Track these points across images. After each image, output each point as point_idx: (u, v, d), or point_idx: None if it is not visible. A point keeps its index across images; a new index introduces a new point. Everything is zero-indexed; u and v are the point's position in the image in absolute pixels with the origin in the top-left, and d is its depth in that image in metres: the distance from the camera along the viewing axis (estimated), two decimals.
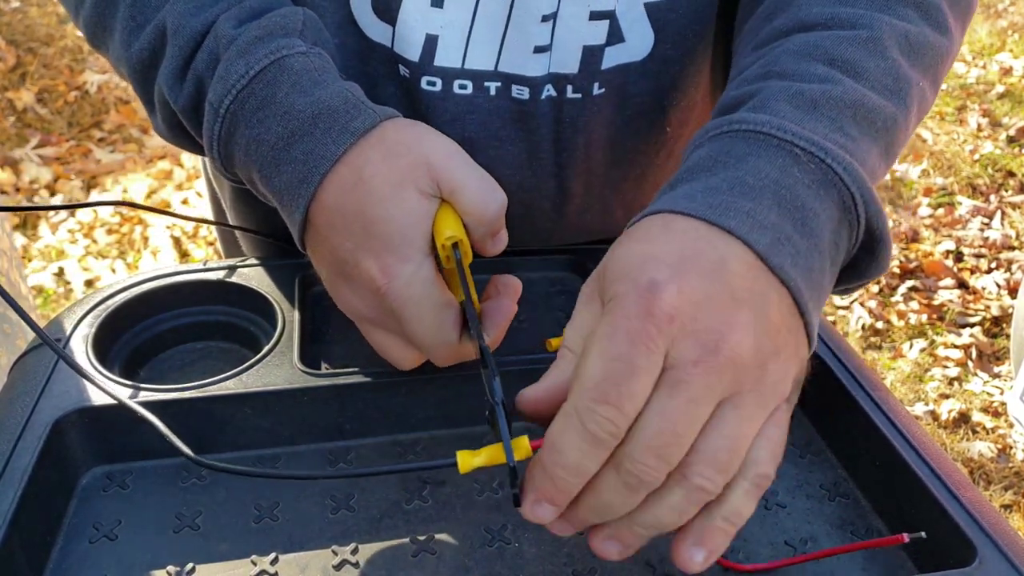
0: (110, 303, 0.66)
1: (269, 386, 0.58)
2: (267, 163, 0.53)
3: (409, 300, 0.51)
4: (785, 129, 0.46)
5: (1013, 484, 1.90)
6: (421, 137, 0.53)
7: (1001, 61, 3.93)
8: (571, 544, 0.53)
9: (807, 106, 0.48)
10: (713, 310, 0.39)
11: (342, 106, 0.52)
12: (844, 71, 0.50)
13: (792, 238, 0.42)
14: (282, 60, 0.54)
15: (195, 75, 0.56)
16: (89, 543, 0.52)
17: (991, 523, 0.50)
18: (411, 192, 0.51)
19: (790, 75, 0.50)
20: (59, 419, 0.55)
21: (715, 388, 0.38)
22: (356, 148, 0.52)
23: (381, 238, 0.51)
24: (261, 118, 0.53)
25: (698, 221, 0.42)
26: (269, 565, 0.51)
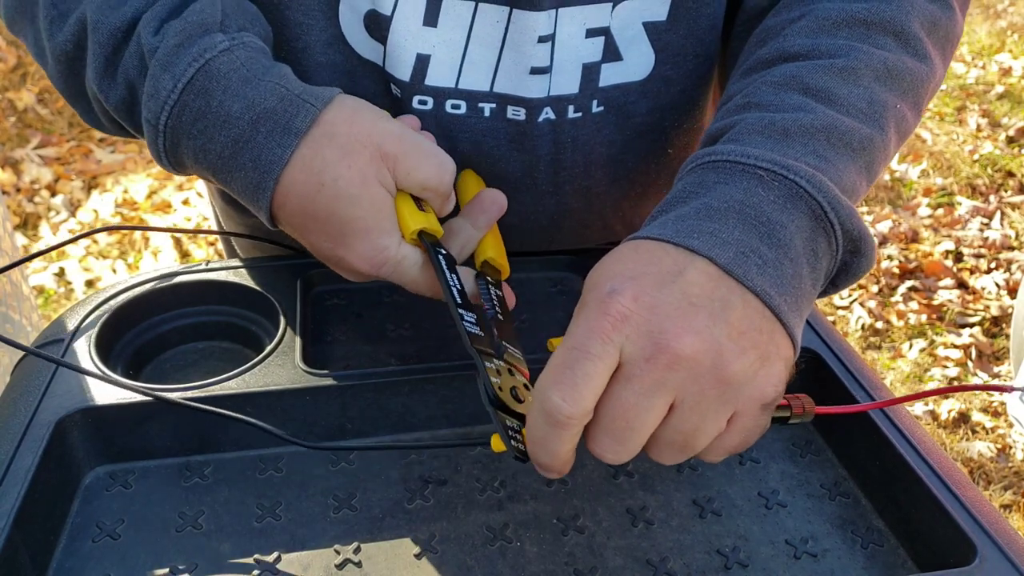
0: (113, 303, 0.66)
1: (271, 386, 0.58)
2: (219, 171, 0.55)
3: (401, 270, 0.56)
4: (748, 155, 0.49)
5: (1013, 484, 1.90)
6: (370, 126, 0.54)
7: (1000, 61, 3.93)
8: (572, 543, 0.53)
9: (779, 135, 0.51)
10: (666, 313, 0.42)
11: (279, 105, 0.53)
12: (818, 99, 0.54)
13: (759, 250, 0.45)
14: (207, 65, 0.53)
15: (125, 77, 0.56)
16: (92, 542, 0.52)
17: (991, 522, 0.50)
18: (375, 188, 0.53)
19: (766, 106, 0.54)
20: (62, 419, 0.55)
21: (667, 383, 0.42)
22: (305, 148, 0.53)
23: (358, 234, 0.54)
24: (201, 128, 0.53)
25: (664, 243, 0.46)
26: (271, 564, 0.51)
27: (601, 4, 0.61)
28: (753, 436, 0.46)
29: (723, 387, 0.43)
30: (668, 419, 0.43)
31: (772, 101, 0.54)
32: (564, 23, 0.61)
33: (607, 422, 0.43)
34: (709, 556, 0.52)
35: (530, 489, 0.57)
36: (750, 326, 0.43)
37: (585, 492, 0.56)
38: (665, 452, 0.45)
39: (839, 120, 0.53)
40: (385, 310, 0.71)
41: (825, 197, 0.48)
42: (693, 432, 0.43)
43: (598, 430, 0.43)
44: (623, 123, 0.67)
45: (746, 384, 0.43)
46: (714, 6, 0.64)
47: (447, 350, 0.67)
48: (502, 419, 0.47)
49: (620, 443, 0.43)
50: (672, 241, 0.45)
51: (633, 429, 0.43)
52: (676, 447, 0.44)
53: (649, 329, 0.42)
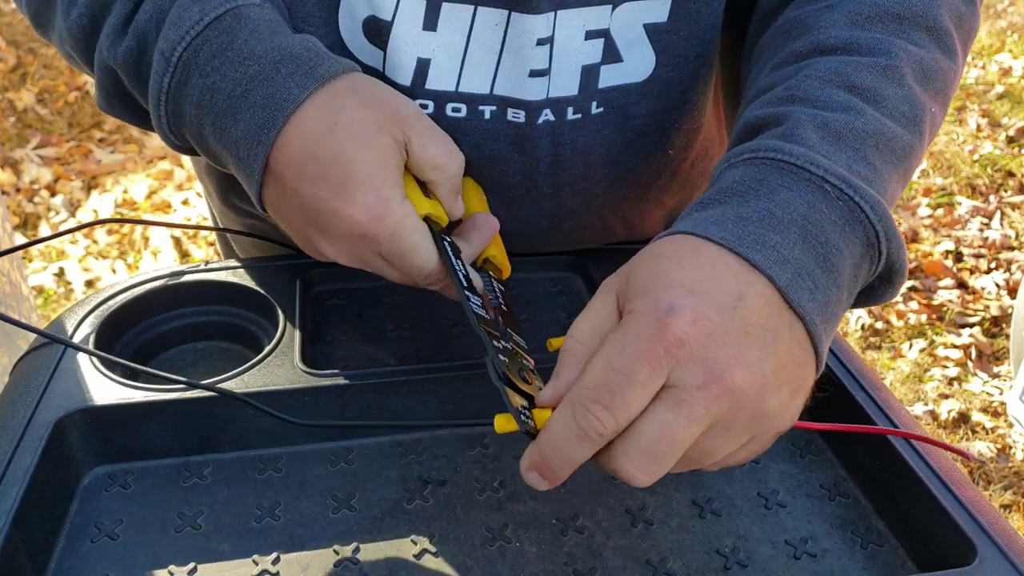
0: (112, 303, 0.66)
1: (270, 386, 0.58)
2: (223, 112, 0.52)
3: (403, 234, 0.52)
4: (817, 164, 0.47)
5: (1013, 484, 1.90)
6: (392, 93, 0.55)
7: (1000, 61, 3.93)
8: (571, 543, 0.53)
9: (832, 137, 0.49)
10: (723, 342, 0.41)
11: (304, 53, 0.52)
12: (865, 99, 0.52)
13: (813, 273, 0.44)
14: (238, 9, 0.53)
15: (137, 29, 0.55)
16: (91, 543, 0.52)
17: (991, 522, 0.50)
18: (388, 139, 0.52)
19: (813, 102, 0.52)
20: (61, 419, 0.55)
21: (712, 412, 0.41)
22: (325, 93, 0.52)
23: (362, 181, 0.51)
24: (217, 65, 0.52)
25: (726, 251, 0.44)
26: (270, 565, 0.51)
27: (600, 6, 0.61)
28: (755, 455, 0.46)
29: (755, 418, 0.43)
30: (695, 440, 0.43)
31: (819, 97, 0.52)
32: (563, 25, 0.61)
33: (648, 443, 0.41)
34: (709, 556, 0.52)
35: (529, 489, 0.56)
36: (791, 359, 0.43)
37: (584, 492, 0.56)
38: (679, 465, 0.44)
39: (886, 125, 0.52)
40: (385, 310, 0.71)
41: (883, 226, 0.47)
42: (711, 452, 0.44)
43: (635, 449, 0.42)
44: (623, 124, 0.67)
45: (775, 417, 0.44)
46: (715, 6, 0.64)
47: (447, 350, 0.67)
48: (511, 396, 0.46)
49: (657, 464, 0.42)
50: (735, 250, 0.44)
51: (674, 453, 0.42)
52: (688, 463, 0.44)
53: (705, 356, 0.41)
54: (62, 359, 0.61)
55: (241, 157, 0.52)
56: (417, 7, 0.60)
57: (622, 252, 0.75)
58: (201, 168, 0.82)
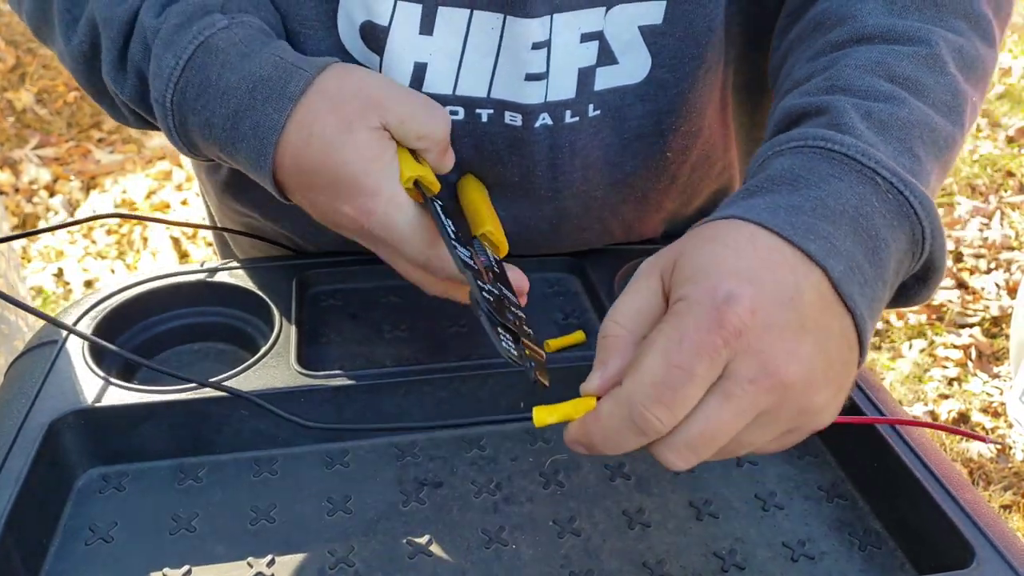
0: (107, 304, 0.66)
1: (266, 387, 0.58)
2: (224, 143, 0.55)
3: (392, 228, 0.54)
4: (868, 155, 0.46)
5: (1013, 484, 1.89)
6: (360, 81, 0.55)
7: (1000, 62, 3.93)
8: (568, 546, 0.53)
9: (878, 127, 0.49)
10: (780, 336, 0.41)
11: (274, 73, 0.54)
12: (907, 89, 0.51)
13: (863, 267, 0.44)
14: (206, 42, 0.55)
15: (134, 66, 0.58)
16: (85, 545, 0.52)
17: (989, 524, 0.50)
18: (361, 132, 0.53)
19: (856, 91, 0.51)
20: (55, 420, 0.55)
21: (760, 406, 0.41)
22: (300, 109, 0.53)
23: (347, 182, 0.53)
24: (204, 103, 0.55)
25: (781, 240, 0.43)
26: (265, 567, 0.51)
27: (594, 9, 0.61)
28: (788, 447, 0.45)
29: (799, 414, 0.42)
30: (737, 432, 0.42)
31: (861, 86, 0.51)
32: (559, 29, 0.61)
33: (693, 436, 0.41)
34: (706, 558, 0.52)
35: (526, 491, 0.56)
36: (840, 357, 0.43)
37: (581, 494, 0.56)
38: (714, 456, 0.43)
39: (929, 116, 0.51)
40: (381, 311, 0.71)
41: (930, 223, 0.46)
42: (749, 444, 0.43)
43: (681, 441, 0.41)
44: (619, 127, 0.67)
45: (818, 414, 0.43)
46: (710, 8, 0.64)
47: (443, 352, 0.66)
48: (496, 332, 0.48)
49: (698, 454, 0.42)
50: (790, 240, 0.43)
51: (716, 444, 0.42)
52: (724, 453, 0.43)
53: (760, 349, 0.40)
54: (57, 360, 0.60)
55: (255, 177, 0.56)
56: (413, 11, 0.60)
57: (619, 253, 0.75)
58: (201, 167, 0.82)
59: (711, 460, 0.43)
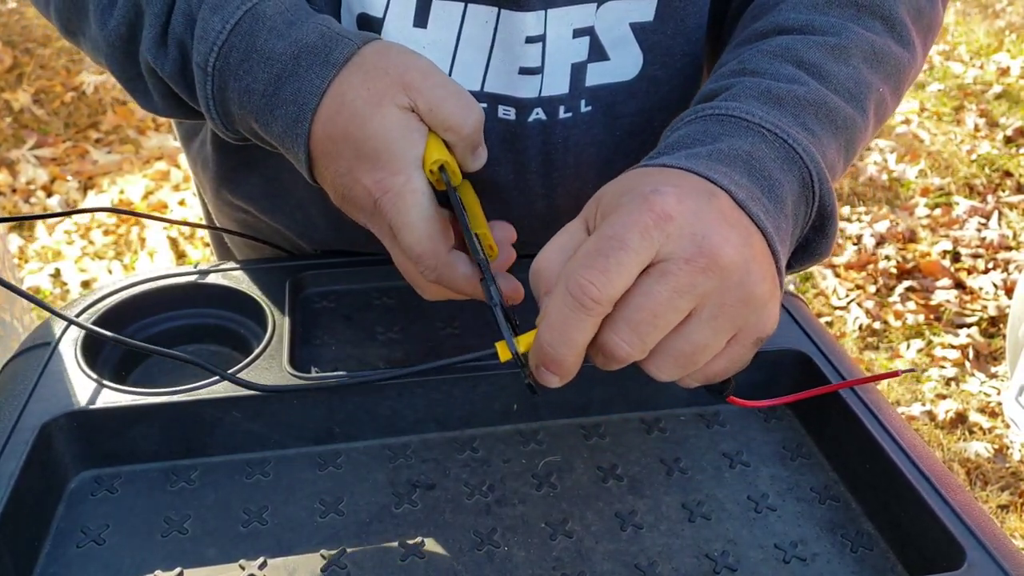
0: (100, 306, 0.66)
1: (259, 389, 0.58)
2: (261, 110, 0.55)
3: (400, 210, 0.53)
4: (753, 114, 0.52)
5: (1010, 484, 1.89)
6: (398, 57, 0.54)
7: (998, 61, 3.92)
8: (560, 547, 0.53)
9: (772, 101, 0.53)
10: (708, 222, 0.43)
11: (319, 41, 0.54)
12: (810, 73, 0.56)
13: (761, 200, 0.48)
14: (254, 8, 0.55)
15: (175, 39, 0.57)
16: (77, 547, 0.52)
17: (980, 526, 0.50)
18: (391, 108, 0.52)
19: (761, 73, 0.56)
20: (47, 423, 0.55)
21: (698, 287, 0.43)
22: (339, 77, 0.53)
23: (369, 156, 0.53)
24: (247, 68, 0.55)
25: (687, 172, 0.47)
26: (257, 569, 0.51)
27: (585, 4, 0.61)
28: (735, 367, 0.47)
29: (741, 306, 0.44)
30: (683, 326, 0.44)
31: (767, 69, 0.56)
32: (553, 24, 0.61)
33: (632, 313, 0.43)
34: (698, 560, 0.52)
35: (518, 493, 0.56)
36: (765, 260, 0.46)
37: (573, 496, 0.56)
38: (667, 363, 0.45)
39: (828, 96, 0.55)
40: (374, 313, 0.71)
41: (815, 168, 0.51)
42: (701, 346, 0.44)
43: (620, 320, 0.43)
44: (612, 123, 0.67)
45: (759, 310, 0.45)
46: (700, 4, 0.64)
47: (436, 354, 0.66)
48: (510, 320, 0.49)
49: (639, 336, 0.43)
50: (694, 171, 0.47)
51: (656, 325, 0.43)
52: (680, 359, 0.45)
53: (693, 231, 0.43)
54: (49, 362, 0.60)
55: (288, 148, 0.56)
56: (408, 4, 0.61)
57: None
58: (197, 165, 0.82)
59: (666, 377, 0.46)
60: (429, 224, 0.53)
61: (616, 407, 0.63)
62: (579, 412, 0.62)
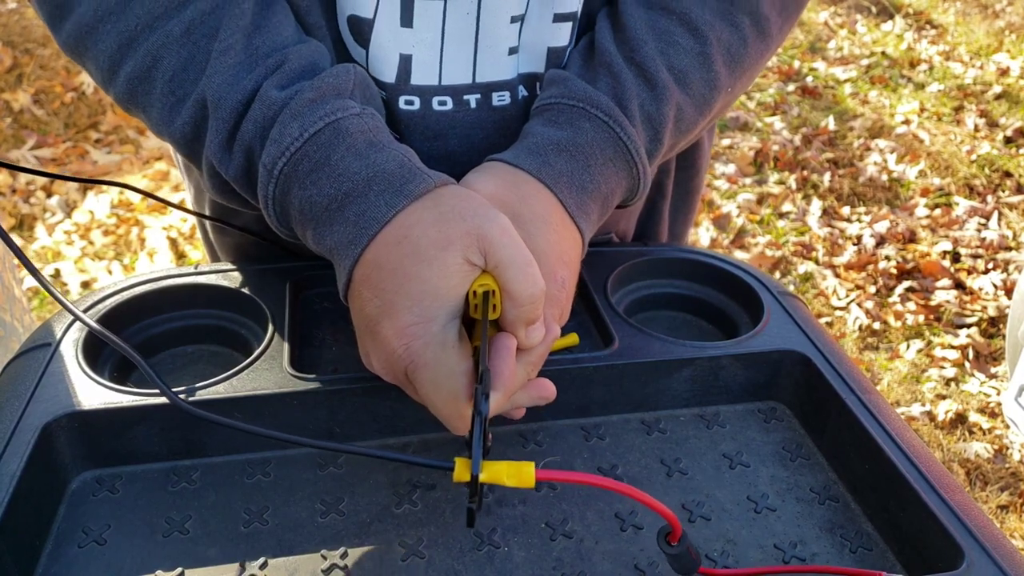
0: (101, 307, 0.66)
1: (259, 390, 0.58)
2: (320, 222, 0.54)
3: (424, 364, 0.50)
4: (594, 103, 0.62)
5: (1010, 485, 1.90)
6: (477, 208, 0.52)
7: (998, 61, 3.93)
8: (560, 548, 0.53)
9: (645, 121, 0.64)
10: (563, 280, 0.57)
11: (398, 170, 0.53)
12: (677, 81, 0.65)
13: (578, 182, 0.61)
14: (337, 123, 0.54)
15: (243, 145, 0.56)
16: (78, 548, 0.52)
17: (979, 526, 0.50)
18: (456, 257, 0.50)
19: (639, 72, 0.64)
20: (49, 423, 0.55)
21: None
22: (408, 209, 0.52)
23: (410, 297, 0.49)
24: (315, 180, 0.53)
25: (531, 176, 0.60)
26: (258, 570, 0.51)
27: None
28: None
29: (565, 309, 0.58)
30: None
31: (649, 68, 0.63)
32: (535, 5, 0.64)
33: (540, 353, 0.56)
34: None
35: (518, 493, 0.56)
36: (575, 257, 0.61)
37: (573, 496, 0.56)
38: None
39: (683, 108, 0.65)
40: None
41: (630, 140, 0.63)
42: None
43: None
44: None
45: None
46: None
47: None
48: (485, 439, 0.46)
49: None
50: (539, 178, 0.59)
51: None
52: None
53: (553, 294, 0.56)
54: (50, 363, 0.60)
55: (336, 263, 0.54)
56: (393, 4, 0.61)
57: (612, 255, 0.75)
58: (196, 191, 0.82)
59: None
60: (452, 380, 0.50)
61: (616, 407, 0.63)
62: (579, 413, 0.63)
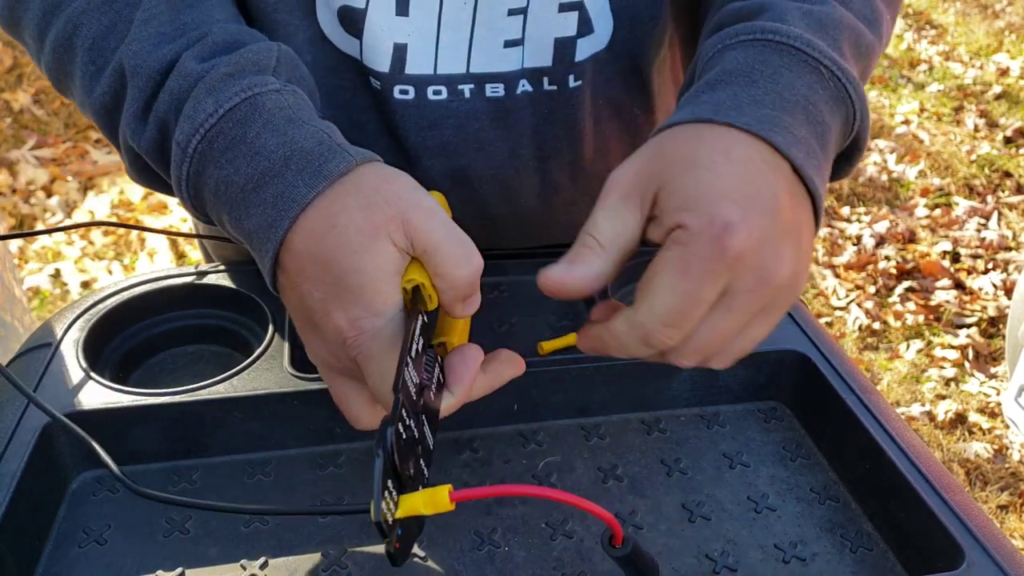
0: (101, 307, 0.66)
1: (259, 390, 0.58)
2: (236, 204, 0.51)
3: (374, 355, 0.48)
4: (813, 46, 0.52)
5: (1009, 485, 1.90)
6: (401, 192, 0.50)
7: (998, 62, 3.93)
8: (561, 548, 0.53)
9: (816, 25, 0.54)
10: (769, 247, 0.45)
11: (316, 148, 0.50)
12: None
13: (815, 150, 0.49)
14: (254, 98, 0.51)
15: (157, 116, 0.55)
16: (79, 548, 0.52)
17: (979, 526, 0.50)
18: (385, 244, 0.49)
19: None
20: (49, 423, 0.55)
21: (756, 308, 0.47)
22: (330, 193, 0.49)
23: (352, 290, 0.48)
24: (230, 158, 0.51)
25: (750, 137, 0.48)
26: (259, 569, 0.51)
27: None
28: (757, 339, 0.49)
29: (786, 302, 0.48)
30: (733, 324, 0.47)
31: None
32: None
33: (702, 343, 0.46)
34: (698, 560, 0.52)
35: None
36: (809, 245, 0.49)
37: None
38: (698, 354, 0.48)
39: (856, 22, 0.56)
40: None
41: (861, 107, 0.52)
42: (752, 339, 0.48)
43: (689, 348, 0.47)
44: (595, 91, 0.69)
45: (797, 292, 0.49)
46: None
47: None
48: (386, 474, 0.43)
49: (704, 357, 0.48)
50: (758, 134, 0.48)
51: (723, 346, 0.47)
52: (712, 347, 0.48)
53: (756, 264, 0.45)
54: (51, 363, 0.60)
55: (255, 247, 0.52)
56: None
57: None
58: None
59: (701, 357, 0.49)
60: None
61: (616, 407, 0.63)
62: (579, 413, 0.63)
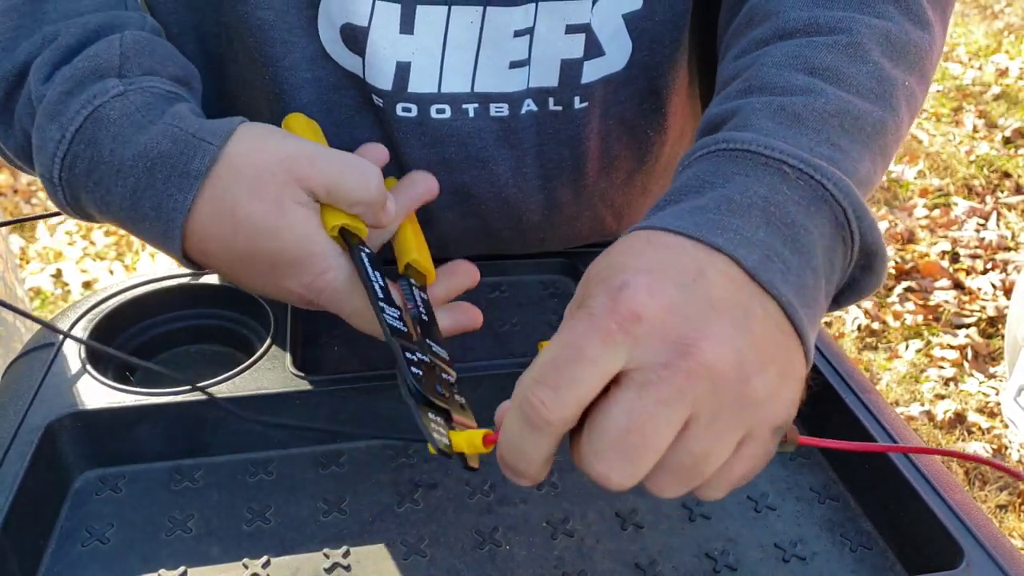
0: (105, 307, 0.66)
1: (262, 390, 0.58)
2: (126, 222, 0.51)
3: (341, 299, 0.53)
4: (772, 147, 0.45)
5: (1009, 485, 1.90)
6: (275, 152, 0.50)
7: (997, 62, 3.93)
8: (561, 546, 0.53)
9: (790, 120, 0.47)
10: (686, 316, 0.38)
11: (173, 147, 0.49)
12: (826, 79, 0.49)
13: (783, 254, 0.41)
14: (95, 113, 0.50)
15: (20, 125, 0.54)
16: (82, 547, 0.52)
17: (978, 525, 0.50)
18: (293, 212, 0.50)
19: (771, 89, 0.49)
20: (52, 423, 0.55)
21: (687, 395, 0.36)
22: (209, 189, 0.49)
23: (291, 264, 0.51)
24: (97, 180, 0.50)
25: (684, 238, 0.41)
26: (261, 568, 0.51)
27: (580, 1, 0.62)
28: (759, 464, 0.40)
29: (741, 405, 0.38)
30: (679, 438, 0.37)
31: (777, 83, 0.49)
32: (543, 17, 0.62)
33: (616, 437, 0.36)
34: (698, 559, 0.52)
35: (520, 492, 0.57)
36: (770, 338, 0.39)
37: (574, 495, 0.57)
38: (668, 480, 0.39)
39: (850, 102, 0.49)
40: None
41: (851, 203, 0.44)
42: (704, 456, 0.38)
43: (604, 445, 0.37)
44: (604, 112, 0.68)
45: (764, 403, 0.38)
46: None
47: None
48: (423, 412, 0.45)
49: (630, 461, 0.37)
50: (693, 236, 0.40)
51: (647, 445, 0.37)
52: (683, 473, 0.38)
53: (665, 331, 0.37)
54: (54, 363, 0.61)
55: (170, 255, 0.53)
56: (392, 11, 0.60)
57: None
58: None
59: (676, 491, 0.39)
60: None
61: None
62: None
